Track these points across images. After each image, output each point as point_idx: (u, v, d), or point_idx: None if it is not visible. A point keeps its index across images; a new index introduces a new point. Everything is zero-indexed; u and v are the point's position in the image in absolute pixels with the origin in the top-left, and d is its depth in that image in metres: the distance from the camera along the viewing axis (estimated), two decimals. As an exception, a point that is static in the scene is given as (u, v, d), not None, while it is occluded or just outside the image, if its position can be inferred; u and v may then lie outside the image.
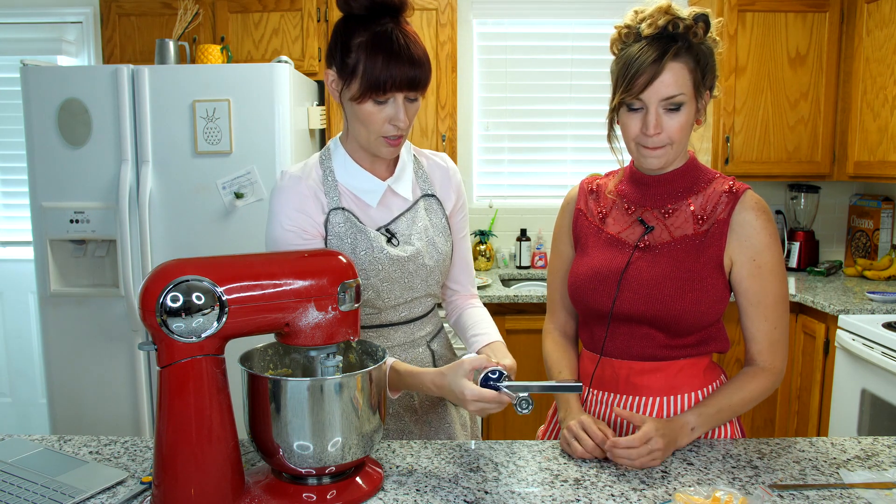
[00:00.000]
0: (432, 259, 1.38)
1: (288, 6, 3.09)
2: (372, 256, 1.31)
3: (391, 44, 1.19)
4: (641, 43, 1.22)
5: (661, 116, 1.22)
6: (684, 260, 1.27)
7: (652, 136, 1.22)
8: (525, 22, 3.52)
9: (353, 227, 1.31)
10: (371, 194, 1.34)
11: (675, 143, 1.24)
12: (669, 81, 1.20)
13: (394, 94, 1.22)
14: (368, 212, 1.35)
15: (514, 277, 3.46)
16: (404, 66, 1.20)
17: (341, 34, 1.24)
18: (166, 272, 0.97)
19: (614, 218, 1.36)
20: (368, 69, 1.20)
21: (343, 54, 1.23)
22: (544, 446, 1.26)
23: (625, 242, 1.32)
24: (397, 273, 1.34)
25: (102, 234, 2.64)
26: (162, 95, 2.57)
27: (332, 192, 1.32)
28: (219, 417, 1.01)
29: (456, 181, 1.46)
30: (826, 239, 3.56)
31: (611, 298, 1.30)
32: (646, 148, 1.25)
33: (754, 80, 3.13)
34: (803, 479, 1.13)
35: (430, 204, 1.41)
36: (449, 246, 1.42)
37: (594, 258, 1.34)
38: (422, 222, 1.38)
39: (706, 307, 1.26)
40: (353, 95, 1.23)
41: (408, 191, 1.37)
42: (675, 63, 1.20)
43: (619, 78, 1.23)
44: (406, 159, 1.40)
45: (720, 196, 1.29)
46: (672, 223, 1.30)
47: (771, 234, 1.26)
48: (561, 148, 3.60)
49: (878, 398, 2.33)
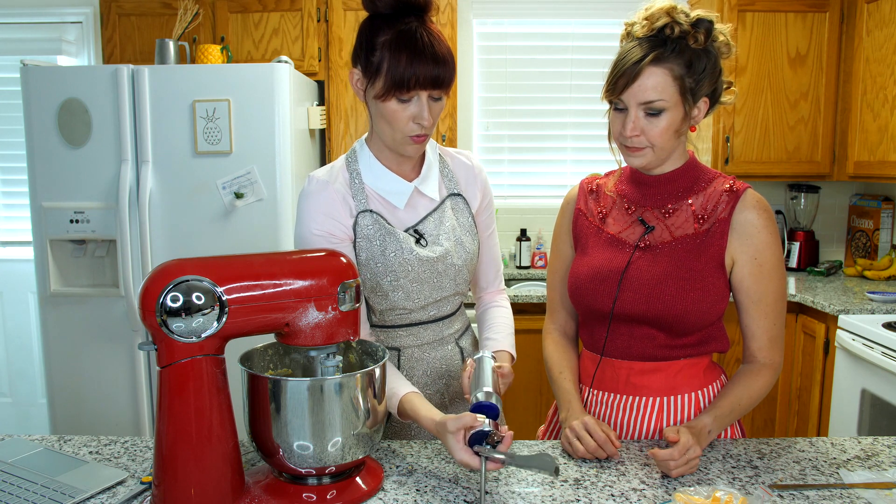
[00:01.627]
0: (461, 259, 1.38)
1: (288, 6, 3.09)
2: (402, 258, 1.31)
3: (415, 42, 1.20)
4: (633, 43, 1.22)
5: (641, 119, 1.22)
6: (685, 259, 1.27)
7: (629, 136, 1.23)
8: (525, 22, 3.52)
9: (382, 230, 1.32)
10: (398, 196, 1.34)
11: (657, 146, 1.24)
12: (647, 86, 1.19)
13: (417, 92, 1.22)
14: (396, 213, 1.35)
15: (514, 277, 3.46)
16: (428, 65, 1.20)
17: (366, 33, 1.25)
18: (166, 272, 0.97)
19: (614, 218, 1.35)
20: (392, 67, 1.20)
21: (368, 53, 1.24)
22: (544, 446, 1.26)
23: (625, 242, 1.32)
24: (427, 274, 1.34)
25: (102, 234, 2.64)
26: (162, 95, 2.57)
27: (359, 195, 1.33)
28: (219, 417, 1.01)
29: (482, 179, 1.47)
30: (826, 239, 3.56)
31: (611, 298, 1.29)
32: (626, 147, 1.26)
33: (754, 80, 3.13)
34: (803, 479, 1.13)
35: (457, 203, 1.41)
36: (476, 245, 1.43)
37: (594, 258, 1.34)
38: (449, 222, 1.38)
39: (707, 306, 1.26)
40: (377, 93, 1.24)
41: (434, 191, 1.38)
42: (656, 68, 1.19)
43: (609, 75, 1.24)
44: (432, 159, 1.40)
45: (720, 195, 1.29)
46: (672, 223, 1.30)
47: (772, 233, 1.26)
48: (561, 148, 3.60)
49: (878, 398, 2.33)
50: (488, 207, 1.49)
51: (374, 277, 1.33)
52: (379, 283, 1.33)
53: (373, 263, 1.32)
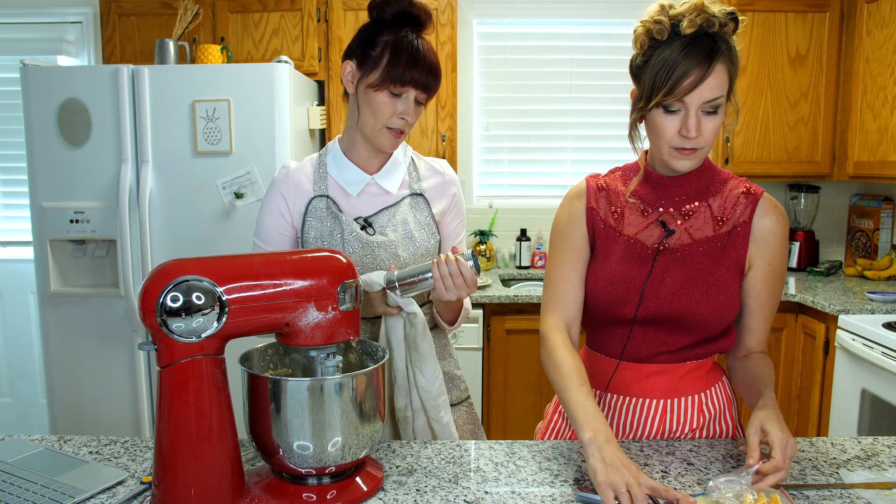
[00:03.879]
0: (407, 251, 1.44)
1: (288, 6, 3.09)
2: (343, 238, 1.42)
3: (413, 49, 1.34)
4: (682, 41, 1.16)
5: (701, 119, 1.18)
6: (706, 264, 1.26)
7: (693, 138, 1.18)
8: (525, 22, 3.52)
9: (331, 213, 1.44)
10: (353, 185, 1.45)
11: (707, 146, 1.22)
12: (714, 84, 1.16)
13: (409, 90, 1.34)
14: (350, 201, 1.45)
15: (514, 277, 3.46)
16: (423, 71, 1.34)
17: (368, 31, 1.37)
18: (166, 272, 0.97)
19: (629, 219, 1.31)
20: (391, 63, 1.33)
21: (368, 47, 1.35)
22: (544, 446, 1.26)
23: (643, 245, 1.29)
24: (368, 258, 1.42)
25: (102, 234, 2.64)
26: (162, 95, 2.57)
27: (320, 182, 1.46)
28: (219, 417, 1.01)
29: (452, 190, 1.54)
30: (826, 239, 3.56)
31: (633, 304, 1.27)
32: (681, 150, 1.21)
33: (754, 80, 3.13)
34: (803, 479, 1.13)
35: (417, 202, 1.49)
36: (434, 243, 1.48)
37: (614, 262, 1.30)
38: (401, 216, 1.45)
39: (729, 311, 1.26)
40: (371, 82, 1.34)
41: (393, 186, 1.47)
42: (720, 65, 1.16)
43: (660, 78, 1.17)
44: (400, 159, 1.50)
45: (738, 198, 1.28)
46: (692, 225, 1.28)
47: (786, 239, 1.29)
48: (561, 148, 3.60)
49: (878, 398, 2.33)
50: (457, 216, 1.55)
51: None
52: None
53: (318, 243, 1.44)
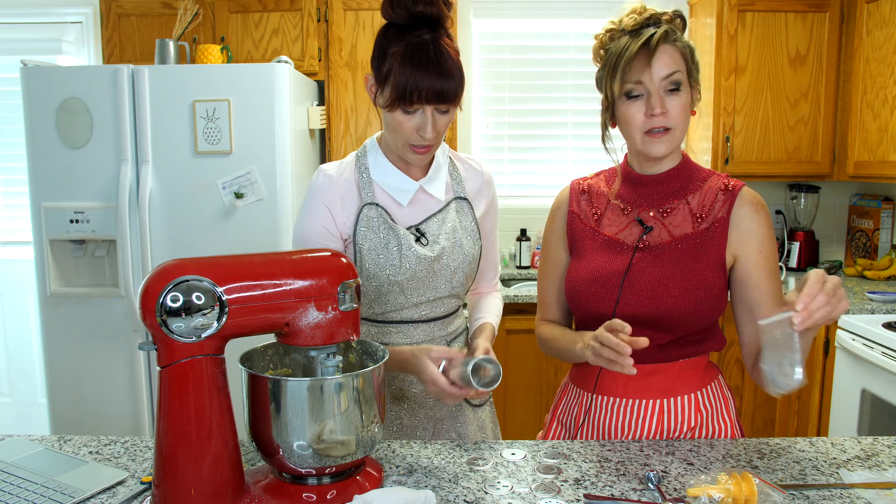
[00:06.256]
0: (455, 261, 1.39)
1: (288, 6, 3.09)
2: (400, 254, 1.34)
3: (422, 56, 1.22)
4: (629, 33, 1.26)
5: (664, 98, 1.23)
6: (686, 260, 1.27)
7: (658, 115, 1.22)
8: (525, 22, 3.51)
9: (385, 224, 1.35)
10: (403, 193, 1.37)
11: (678, 127, 1.25)
12: (667, 60, 1.23)
13: (422, 105, 1.24)
14: (400, 210, 1.38)
15: (514, 277, 3.46)
16: (432, 79, 1.22)
17: (381, 41, 1.28)
18: (166, 272, 0.97)
19: (610, 219, 1.35)
20: (398, 79, 1.22)
21: (380, 60, 1.27)
22: (544, 446, 1.26)
23: (623, 244, 1.32)
24: (423, 272, 1.36)
25: (102, 234, 2.64)
26: (162, 95, 2.57)
27: (366, 188, 1.37)
28: (219, 417, 1.01)
29: (490, 188, 1.51)
30: (826, 239, 3.56)
31: (612, 302, 1.29)
32: (651, 135, 1.25)
33: (754, 80, 3.12)
34: (803, 479, 1.13)
35: (462, 206, 1.44)
36: (477, 249, 1.45)
37: (593, 261, 1.33)
38: (451, 223, 1.40)
39: (710, 307, 1.26)
40: (384, 103, 1.27)
41: (440, 192, 1.41)
42: (667, 45, 1.23)
43: (613, 69, 1.25)
44: (441, 161, 1.43)
45: (716, 194, 1.30)
46: (671, 222, 1.30)
47: (770, 227, 1.29)
48: (561, 148, 3.60)
49: (878, 398, 2.33)
50: (493, 215, 1.53)
51: (374, 268, 1.34)
52: (377, 274, 1.35)
53: (374, 254, 1.34)
